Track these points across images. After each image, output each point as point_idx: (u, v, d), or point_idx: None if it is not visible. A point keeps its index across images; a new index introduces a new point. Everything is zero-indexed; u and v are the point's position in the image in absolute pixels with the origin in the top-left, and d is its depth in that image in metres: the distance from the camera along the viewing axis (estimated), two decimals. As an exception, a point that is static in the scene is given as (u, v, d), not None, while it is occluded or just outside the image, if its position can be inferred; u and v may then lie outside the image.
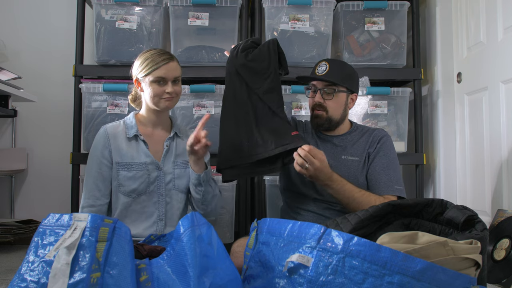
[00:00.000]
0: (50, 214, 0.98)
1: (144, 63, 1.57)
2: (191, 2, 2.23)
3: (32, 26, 2.73)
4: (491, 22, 1.95)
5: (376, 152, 1.62)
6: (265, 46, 1.67)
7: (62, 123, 2.63)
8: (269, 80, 1.63)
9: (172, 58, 1.59)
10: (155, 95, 1.56)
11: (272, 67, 1.64)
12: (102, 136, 1.59)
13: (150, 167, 1.58)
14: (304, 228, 0.98)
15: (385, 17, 2.32)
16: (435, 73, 2.41)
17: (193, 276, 0.92)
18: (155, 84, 1.55)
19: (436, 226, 1.22)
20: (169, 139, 1.65)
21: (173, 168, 1.63)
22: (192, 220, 1.01)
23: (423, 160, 2.32)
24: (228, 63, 1.70)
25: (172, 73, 1.57)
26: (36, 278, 0.88)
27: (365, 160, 1.63)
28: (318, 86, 1.62)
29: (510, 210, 1.76)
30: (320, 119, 1.63)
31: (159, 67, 1.54)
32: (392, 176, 1.59)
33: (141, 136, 1.60)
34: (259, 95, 1.61)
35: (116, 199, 1.58)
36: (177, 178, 1.63)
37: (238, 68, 1.64)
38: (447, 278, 0.83)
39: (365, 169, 1.62)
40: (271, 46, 1.66)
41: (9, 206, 2.67)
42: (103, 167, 1.57)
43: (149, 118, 1.65)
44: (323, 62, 1.63)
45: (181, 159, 1.65)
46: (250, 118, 1.60)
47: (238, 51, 1.68)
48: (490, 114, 1.95)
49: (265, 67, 1.63)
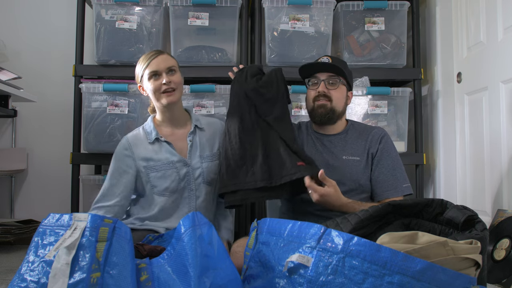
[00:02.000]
0: (50, 214, 0.98)
1: (139, 66, 1.64)
2: (191, 2, 2.23)
3: (32, 26, 2.73)
4: (491, 22, 1.95)
5: (380, 154, 1.62)
6: (272, 74, 1.68)
7: (62, 123, 2.63)
8: (279, 107, 1.63)
9: (160, 52, 1.63)
10: (155, 90, 1.59)
11: (281, 95, 1.65)
12: (124, 146, 1.63)
13: (178, 165, 1.61)
14: (304, 228, 0.98)
15: (385, 17, 2.32)
16: (435, 73, 2.41)
17: (193, 276, 0.92)
18: (151, 80, 1.59)
19: (436, 226, 1.22)
20: (191, 134, 1.66)
21: (201, 162, 1.64)
22: (193, 219, 1.01)
23: (423, 160, 2.32)
24: (236, 85, 1.69)
25: (163, 64, 1.59)
26: (36, 278, 0.88)
27: (367, 161, 1.62)
28: (322, 77, 1.62)
29: (510, 210, 1.76)
30: (324, 108, 1.62)
31: (150, 63, 1.59)
32: (398, 177, 1.59)
33: (162, 138, 1.62)
34: (268, 122, 1.60)
35: (152, 200, 1.61)
36: (206, 171, 1.64)
37: (248, 92, 1.63)
38: (447, 278, 0.83)
39: (367, 170, 1.62)
40: (278, 75, 1.68)
41: (9, 206, 2.67)
42: (123, 175, 1.60)
43: (165, 119, 1.67)
44: (325, 57, 1.65)
45: (207, 151, 1.67)
46: (257, 143, 1.57)
47: (247, 76, 1.67)
48: (490, 114, 1.95)
49: (275, 94, 1.64)
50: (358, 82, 2.26)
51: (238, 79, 1.69)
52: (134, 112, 2.20)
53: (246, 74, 1.68)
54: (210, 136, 1.70)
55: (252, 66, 1.76)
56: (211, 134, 1.71)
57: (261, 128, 1.60)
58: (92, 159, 2.27)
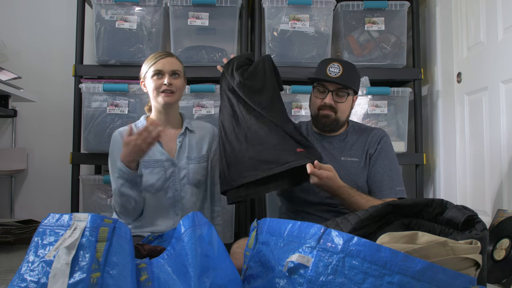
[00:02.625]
0: (50, 214, 0.98)
1: (146, 62, 1.66)
2: (191, 2, 2.23)
3: (32, 26, 2.73)
4: (491, 22, 1.95)
5: (377, 154, 1.62)
6: (259, 63, 1.66)
7: (62, 123, 2.63)
8: (269, 96, 1.61)
9: (170, 55, 1.66)
10: (155, 88, 1.61)
11: (269, 84, 1.63)
12: (118, 139, 1.62)
13: (166, 164, 1.62)
14: (304, 228, 0.98)
15: (385, 17, 2.32)
16: (435, 73, 2.41)
17: (193, 276, 0.92)
18: (154, 77, 1.61)
19: (436, 226, 1.22)
20: (181, 135, 1.68)
21: (187, 163, 1.65)
22: (193, 219, 1.01)
23: (423, 160, 2.32)
24: (223, 79, 1.68)
25: (169, 66, 1.61)
26: (36, 278, 0.88)
27: (366, 161, 1.62)
28: (330, 88, 1.59)
29: (510, 210, 1.76)
30: (328, 119, 1.61)
31: (157, 62, 1.62)
32: (394, 178, 1.59)
33: None
34: (260, 112, 1.57)
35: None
36: (191, 172, 1.65)
37: (235, 87, 1.62)
38: (447, 278, 0.83)
39: (365, 171, 1.61)
40: (266, 64, 1.66)
41: (9, 206, 2.67)
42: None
43: (159, 118, 1.67)
44: (335, 64, 1.58)
45: (195, 153, 1.68)
46: (252, 135, 1.54)
47: (233, 69, 1.65)
48: (490, 114, 1.95)
49: (262, 85, 1.62)
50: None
51: (225, 73, 1.68)
52: (134, 112, 2.20)
53: (232, 67, 1.66)
54: (199, 139, 1.72)
55: (240, 56, 1.72)
56: (200, 136, 1.72)
57: (255, 118, 1.57)
58: (92, 159, 2.27)
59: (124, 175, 1.48)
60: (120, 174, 1.48)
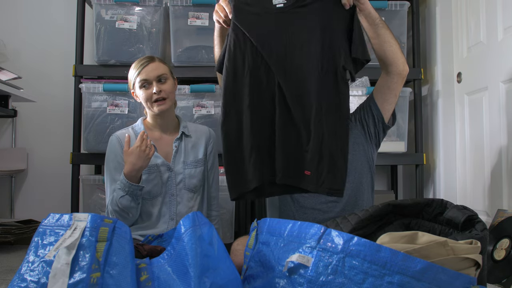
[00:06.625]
0: (50, 214, 0.98)
1: (131, 73, 1.63)
2: (191, 2, 2.23)
3: (32, 26, 2.73)
4: (491, 22, 1.95)
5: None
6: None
7: (62, 123, 2.63)
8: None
9: (152, 59, 1.61)
10: (146, 100, 1.59)
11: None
12: (115, 143, 1.62)
13: (162, 168, 1.61)
14: (304, 228, 0.98)
15: (385, 17, 2.32)
16: (435, 73, 2.41)
17: (193, 276, 0.92)
18: (142, 89, 1.59)
19: (436, 226, 1.22)
20: (177, 140, 1.66)
21: (184, 168, 1.64)
22: (193, 219, 1.01)
23: (423, 160, 2.32)
24: (237, 21, 1.27)
25: (153, 73, 1.58)
26: (36, 278, 0.88)
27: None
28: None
29: (510, 210, 1.76)
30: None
31: (140, 72, 1.59)
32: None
33: (151, 142, 1.61)
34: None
35: None
36: (187, 177, 1.64)
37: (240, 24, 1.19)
38: (447, 278, 0.83)
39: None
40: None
41: (9, 206, 2.67)
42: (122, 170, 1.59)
43: (155, 123, 1.67)
44: None
45: (191, 158, 1.67)
46: (264, 128, 1.27)
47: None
48: (490, 114, 1.95)
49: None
50: (358, 82, 2.26)
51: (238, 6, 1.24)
52: (134, 112, 2.21)
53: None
54: (195, 143, 1.70)
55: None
56: (197, 140, 1.71)
57: (277, 91, 1.24)
58: (92, 159, 2.27)
59: (125, 188, 1.48)
60: (122, 187, 1.48)
